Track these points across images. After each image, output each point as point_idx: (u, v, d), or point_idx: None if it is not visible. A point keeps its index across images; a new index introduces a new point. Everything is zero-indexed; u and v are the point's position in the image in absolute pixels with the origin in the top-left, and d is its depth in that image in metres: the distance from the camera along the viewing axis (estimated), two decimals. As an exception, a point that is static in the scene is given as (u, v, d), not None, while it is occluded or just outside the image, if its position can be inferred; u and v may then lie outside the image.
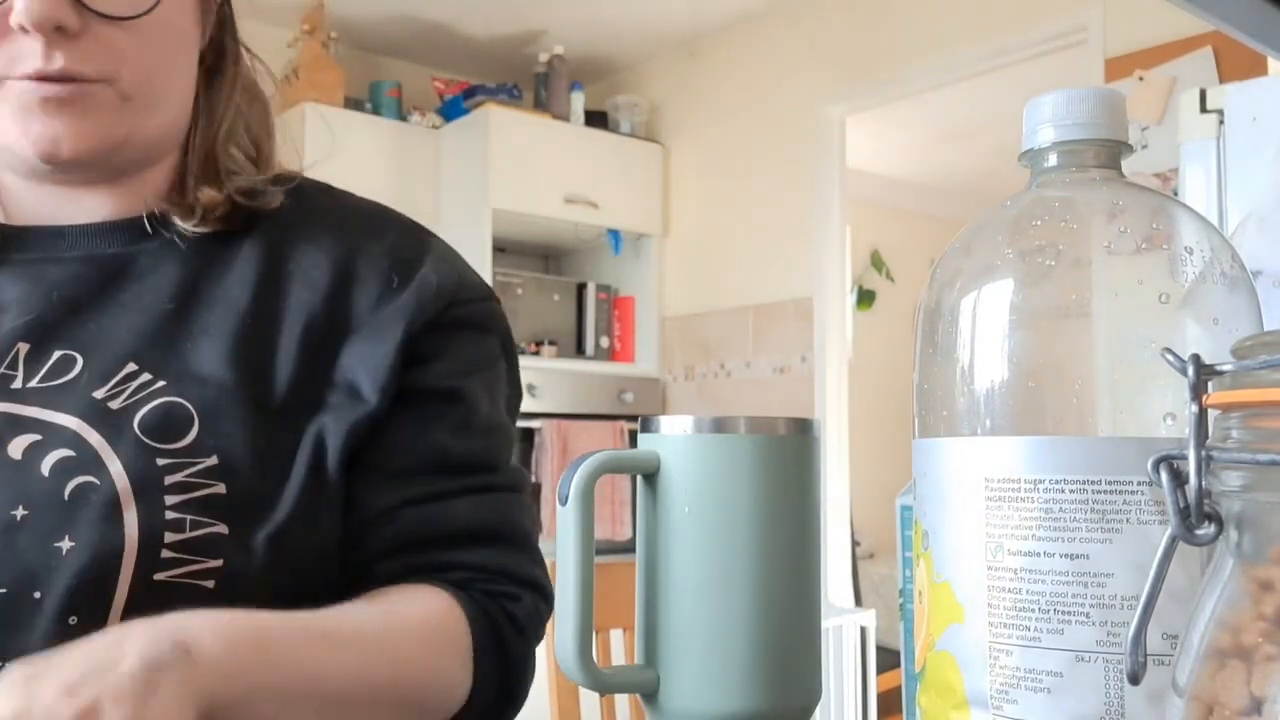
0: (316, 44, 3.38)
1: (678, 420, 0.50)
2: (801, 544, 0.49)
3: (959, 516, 0.41)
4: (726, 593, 0.47)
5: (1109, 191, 0.43)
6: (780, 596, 0.48)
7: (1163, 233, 0.42)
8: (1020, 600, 0.39)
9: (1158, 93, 2.45)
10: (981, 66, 2.99)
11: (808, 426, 0.51)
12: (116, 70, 0.63)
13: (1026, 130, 0.45)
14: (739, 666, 0.47)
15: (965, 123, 4.23)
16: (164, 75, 0.67)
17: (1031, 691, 0.38)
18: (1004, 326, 0.41)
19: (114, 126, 0.65)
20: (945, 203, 5.28)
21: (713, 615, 0.47)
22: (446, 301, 0.71)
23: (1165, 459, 0.30)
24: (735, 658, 0.47)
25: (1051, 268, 0.42)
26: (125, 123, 0.65)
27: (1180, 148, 1.29)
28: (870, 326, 4.93)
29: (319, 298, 0.69)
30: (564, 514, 0.48)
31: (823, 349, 3.32)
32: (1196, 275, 0.41)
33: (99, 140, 0.64)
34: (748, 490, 0.48)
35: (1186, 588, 0.36)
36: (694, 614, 0.48)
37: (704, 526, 0.48)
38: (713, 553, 0.48)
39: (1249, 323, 0.41)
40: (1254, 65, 1.81)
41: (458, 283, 0.72)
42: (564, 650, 0.48)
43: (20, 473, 0.59)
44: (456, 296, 0.71)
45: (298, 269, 0.70)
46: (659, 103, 3.91)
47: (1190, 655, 0.29)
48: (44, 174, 0.67)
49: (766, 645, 0.47)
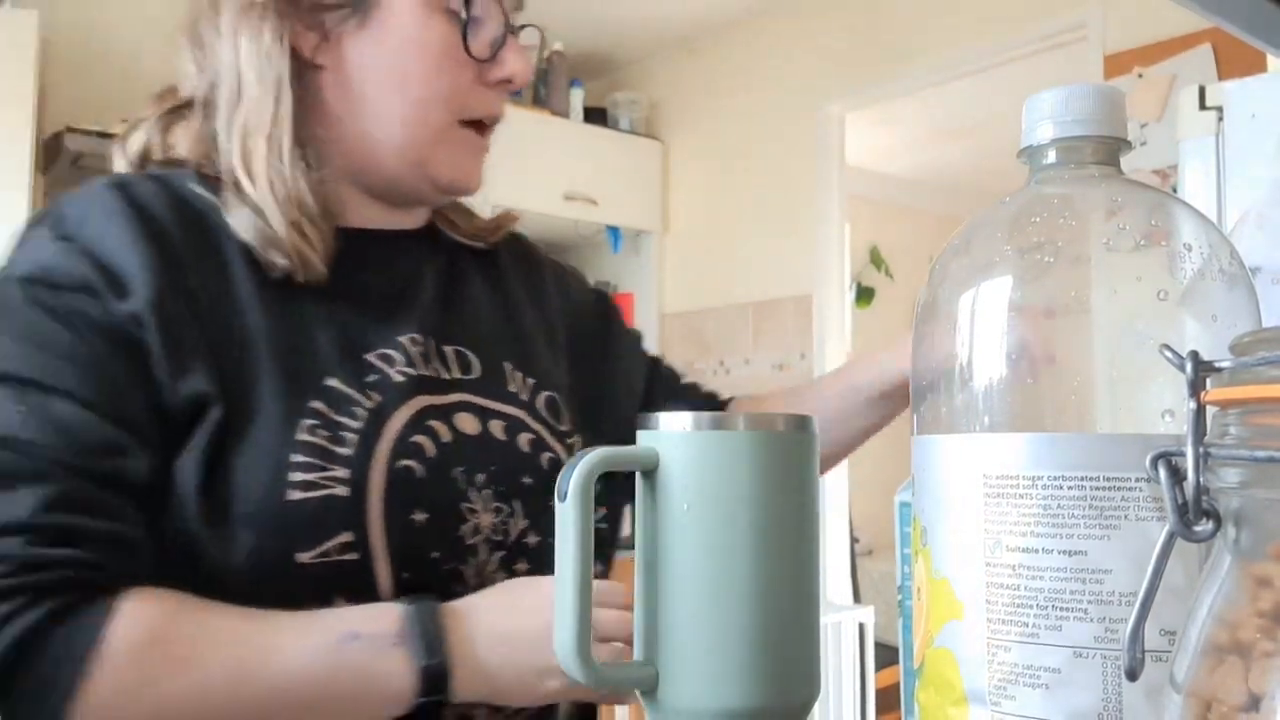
0: (315, 40, 3.38)
1: (677, 417, 0.50)
2: (800, 540, 0.49)
3: (958, 513, 0.41)
4: (725, 589, 0.47)
5: (1108, 188, 0.44)
6: (779, 593, 0.48)
7: (1161, 229, 0.42)
8: (1019, 597, 0.39)
9: (1157, 90, 2.45)
10: (981, 63, 2.99)
11: (807, 423, 0.51)
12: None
13: (1026, 127, 0.45)
14: (738, 663, 0.47)
15: (965, 119, 4.23)
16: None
17: (1030, 688, 0.38)
18: (1002, 323, 0.41)
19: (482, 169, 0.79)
20: (944, 200, 5.28)
21: (712, 612, 0.47)
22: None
23: (1163, 456, 0.30)
24: (734, 654, 0.47)
25: (1050, 264, 0.42)
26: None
27: (1179, 145, 1.29)
28: (869, 323, 4.94)
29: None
30: (563, 510, 0.48)
31: (822, 346, 3.32)
32: (1195, 272, 0.41)
33: (481, 180, 0.79)
34: (747, 487, 0.48)
35: (1184, 584, 0.36)
36: (693, 611, 0.48)
37: (703, 523, 0.48)
38: (711, 549, 0.48)
39: (1248, 319, 0.41)
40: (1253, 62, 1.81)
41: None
42: (563, 647, 0.48)
43: (509, 450, 0.73)
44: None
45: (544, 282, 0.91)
46: (658, 100, 3.90)
47: (1188, 651, 0.29)
48: (418, 201, 0.80)
49: (765, 642, 0.47)
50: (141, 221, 0.66)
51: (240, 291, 0.69)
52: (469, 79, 0.73)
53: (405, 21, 0.70)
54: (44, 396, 0.61)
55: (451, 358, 0.76)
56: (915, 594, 0.45)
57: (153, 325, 0.64)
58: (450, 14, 0.72)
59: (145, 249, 0.65)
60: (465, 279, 0.82)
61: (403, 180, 0.75)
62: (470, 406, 0.73)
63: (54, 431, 0.60)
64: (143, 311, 0.64)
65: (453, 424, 0.71)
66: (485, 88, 0.74)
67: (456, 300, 0.80)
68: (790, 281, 3.40)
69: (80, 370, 0.62)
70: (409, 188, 0.76)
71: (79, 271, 0.64)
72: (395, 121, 0.72)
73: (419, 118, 0.72)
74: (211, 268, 0.68)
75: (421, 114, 0.72)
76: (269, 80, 0.69)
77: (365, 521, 0.65)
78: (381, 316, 0.74)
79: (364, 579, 0.65)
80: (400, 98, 0.71)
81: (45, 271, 0.64)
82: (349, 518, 0.65)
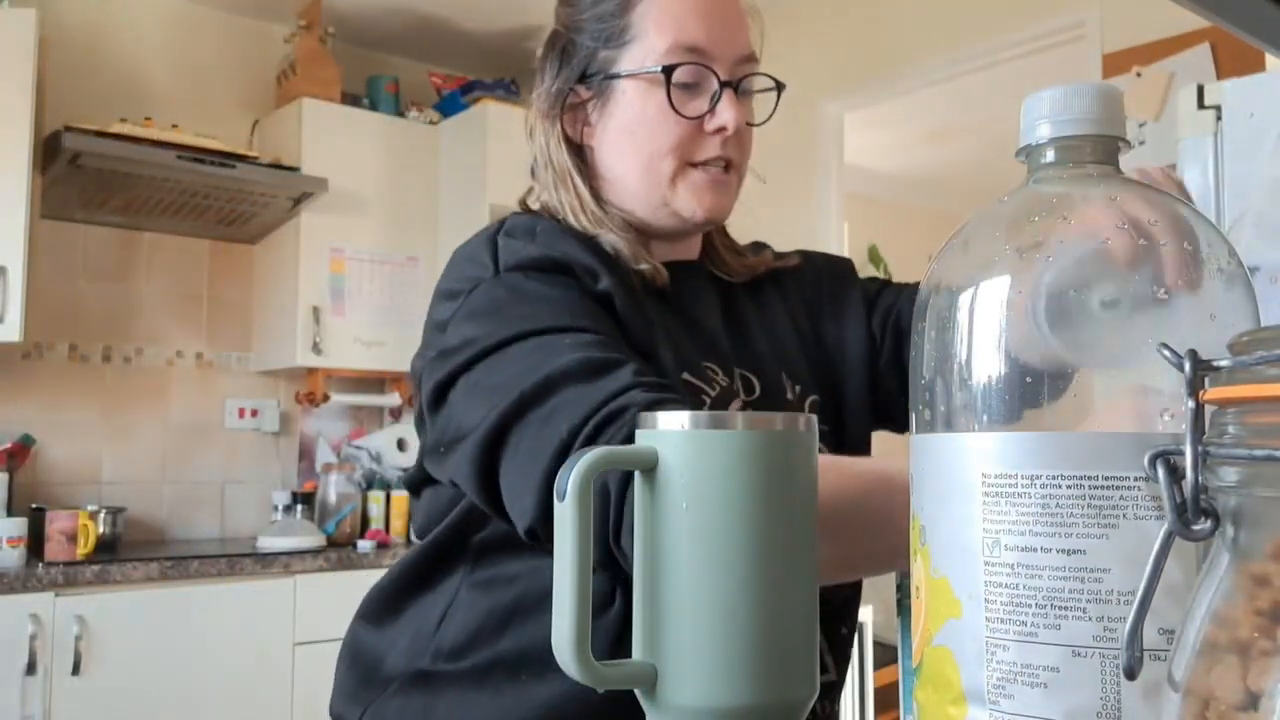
0: (314, 39, 3.38)
1: (676, 416, 0.50)
2: (799, 539, 0.49)
3: (956, 512, 0.41)
4: (724, 588, 0.47)
5: (1106, 187, 0.44)
6: (778, 591, 0.48)
7: (1160, 228, 0.42)
8: (1017, 595, 0.39)
9: (1155, 88, 2.45)
10: (980, 62, 2.99)
11: (805, 422, 0.51)
12: (740, 159, 0.96)
13: (1024, 125, 0.45)
14: (737, 661, 0.47)
15: (963, 119, 4.23)
16: (748, 162, 0.98)
17: (1028, 686, 0.38)
18: (1001, 322, 0.41)
19: (732, 198, 0.96)
20: (943, 198, 5.28)
21: (711, 610, 0.47)
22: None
23: (1162, 454, 0.30)
24: (733, 652, 0.47)
25: (1049, 263, 0.42)
26: (733, 196, 0.97)
27: (1178, 143, 1.29)
28: (868, 322, 4.92)
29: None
30: (562, 510, 0.48)
31: (820, 345, 3.32)
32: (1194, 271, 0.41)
33: (727, 207, 0.96)
34: (745, 486, 0.48)
35: (1183, 583, 0.36)
36: (692, 609, 0.48)
37: (702, 522, 0.48)
38: (711, 548, 0.48)
39: (1246, 318, 0.41)
40: (1252, 61, 1.81)
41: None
42: (562, 645, 0.48)
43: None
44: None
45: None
46: (657, 98, 3.90)
47: (1186, 650, 0.29)
48: (678, 232, 0.97)
49: (764, 640, 0.48)
50: (574, 236, 0.90)
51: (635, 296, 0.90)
52: (690, 132, 0.92)
53: (631, 99, 0.93)
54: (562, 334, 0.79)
55: (738, 379, 0.94)
56: (914, 593, 0.45)
57: (618, 303, 0.86)
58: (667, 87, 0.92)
59: (589, 252, 0.88)
60: (739, 306, 1.02)
61: (654, 218, 0.95)
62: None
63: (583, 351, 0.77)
64: (613, 291, 0.86)
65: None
66: (706, 136, 0.92)
67: (733, 326, 0.99)
68: (789, 280, 3.39)
69: (588, 318, 0.81)
70: (661, 224, 0.95)
71: (562, 259, 0.86)
72: (638, 172, 0.94)
73: (653, 167, 0.93)
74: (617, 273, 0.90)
75: (654, 164, 0.93)
76: (557, 165, 0.96)
77: None
78: (690, 340, 0.93)
79: None
80: (632, 160, 0.94)
81: (533, 260, 0.86)
82: None
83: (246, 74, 3.50)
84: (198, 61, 3.40)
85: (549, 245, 0.87)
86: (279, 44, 3.49)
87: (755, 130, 0.98)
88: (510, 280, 0.85)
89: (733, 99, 0.92)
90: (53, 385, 3.11)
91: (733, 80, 0.92)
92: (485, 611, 0.86)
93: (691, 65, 0.92)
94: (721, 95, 0.92)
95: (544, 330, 0.79)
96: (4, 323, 2.68)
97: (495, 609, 0.86)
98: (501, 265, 0.87)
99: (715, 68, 0.92)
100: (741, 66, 0.94)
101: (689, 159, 0.93)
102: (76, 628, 2.49)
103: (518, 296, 0.83)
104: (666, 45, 0.91)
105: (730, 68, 0.93)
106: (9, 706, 2.41)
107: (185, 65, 3.37)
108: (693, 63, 0.92)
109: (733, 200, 0.97)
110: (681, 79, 0.91)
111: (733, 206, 0.97)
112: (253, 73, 3.51)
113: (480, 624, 0.86)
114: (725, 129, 0.91)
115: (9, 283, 2.68)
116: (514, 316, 0.81)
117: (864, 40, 3.25)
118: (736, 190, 0.97)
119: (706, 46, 0.92)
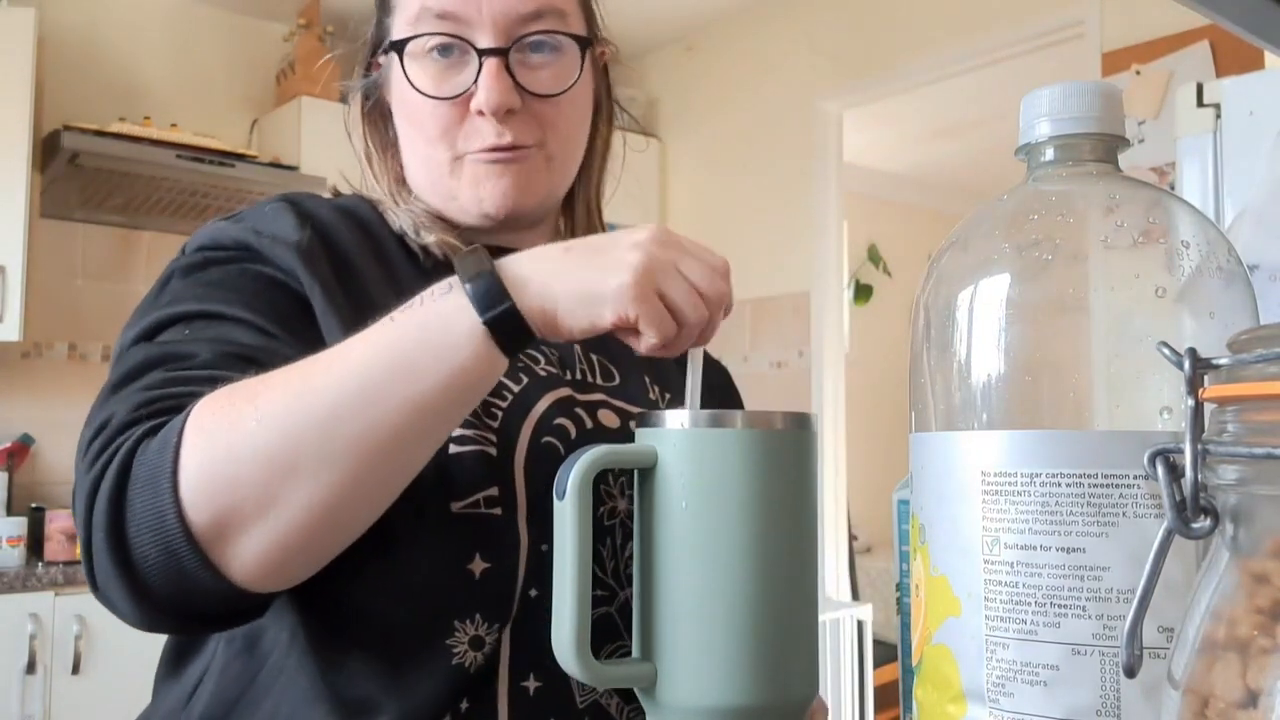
0: (313, 38, 3.37)
1: (675, 415, 0.50)
2: (799, 538, 0.49)
3: (956, 510, 0.41)
4: (724, 587, 0.47)
5: (1105, 186, 0.44)
6: (777, 591, 0.48)
7: (1159, 227, 0.42)
8: (1017, 594, 0.39)
9: (1154, 87, 2.45)
10: (979, 60, 2.99)
11: (805, 421, 0.51)
12: (545, 137, 0.77)
13: (1023, 124, 0.45)
14: (736, 660, 0.47)
15: (963, 117, 4.23)
16: (578, 138, 0.82)
17: (1028, 684, 0.38)
18: (1000, 320, 0.41)
19: (542, 184, 0.78)
20: (943, 197, 5.28)
21: (710, 609, 0.47)
22: None
23: (1161, 453, 0.30)
24: (733, 652, 0.47)
25: (1048, 262, 0.42)
26: (549, 181, 0.79)
27: (1177, 142, 1.30)
28: (867, 321, 4.94)
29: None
30: (561, 508, 0.48)
31: (820, 343, 3.32)
32: (1193, 269, 0.41)
33: (532, 195, 0.77)
34: (745, 485, 0.48)
35: (1182, 581, 0.36)
36: (692, 608, 0.48)
37: (701, 521, 0.48)
38: (710, 547, 0.48)
39: (1245, 316, 0.41)
40: (1251, 59, 1.81)
41: None
42: (561, 644, 0.48)
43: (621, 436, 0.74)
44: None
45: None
46: (655, 97, 3.90)
47: (1186, 648, 0.29)
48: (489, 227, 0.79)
49: (764, 639, 0.48)
50: (301, 214, 0.74)
51: (400, 274, 0.76)
52: (456, 114, 0.76)
53: (398, 85, 0.78)
54: (208, 321, 0.67)
55: (595, 365, 0.81)
56: (914, 591, 0.45)
57: (307, 278, 0.70)
58: (427, 65, 0.77)
59: (304, 228, 0.73)
60: None
61: (449, 210, 0.80)
62: (611, 405, 0.77)
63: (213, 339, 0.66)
64: (297, 268, 0.70)
65: (595, 416, 0.75)
66: (477, 117, 0.76)
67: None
68: (788, 279, 3.40)
69: (243, 297, 0.69)
70: (461, 219, 0.80)
71: (242, 238, 0.72)
72: (421, 167, 0.80)
73: (431, 156, 0.78)
74: (371, 252, 0.76)
75: (431, 153, 0.78)
76: (355, 146, 0.86)
77: (511, 479, 0.68)
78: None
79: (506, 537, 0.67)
80: (413, 148, 0.80)
81: (213, 240, 0.73)
82: (497, 473, 0.67)
83: (245, 73, 3.50)
84: (197, 60, 3.40)
85: (246, 225, 0.73)
86: (278, 43, 3.49)
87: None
88: (178, 264, 0.73)
89: (498, 71, 0.74)
90: (52, 385, 3.11)
91: (504, 46, 0.74)
92: (238, 679, 0.69)
93: (437, 36, 0.75)
94: (482, 68, 0.74)
95: (139, 334, 0.68)
96: (3, 322, 2.68)
97: (249, 676, 0.69)
98: (186, 247, 0.75)
99: (469, 35, 0.74)
100: (521, 26, 0.75)
101: (461, 149, 0.77)
102: (76, 627, 2.49)
103: (159, 286, 0.73)
104: (415, 11, 0.76)
105: (500, 32, 0.74)
106: (9, 706, 2.41)
107: (184, 64, 3.37)
108: (436, 33, 0.75)
109: (540, 182, 0.78)
110: (432, 48, 0.75)
111: (545, 189, 0.79)
112: (252, 72, 3.51)
113: (237, 694, 0.68)
114: (483, 111, 0.75)
115: (8, 282, 2.68)
116: (140, 311, 0.71)
117: (863, 38, 3.25)
118: (548, 171, 0.79)
119: (457, 9, 0.74)
